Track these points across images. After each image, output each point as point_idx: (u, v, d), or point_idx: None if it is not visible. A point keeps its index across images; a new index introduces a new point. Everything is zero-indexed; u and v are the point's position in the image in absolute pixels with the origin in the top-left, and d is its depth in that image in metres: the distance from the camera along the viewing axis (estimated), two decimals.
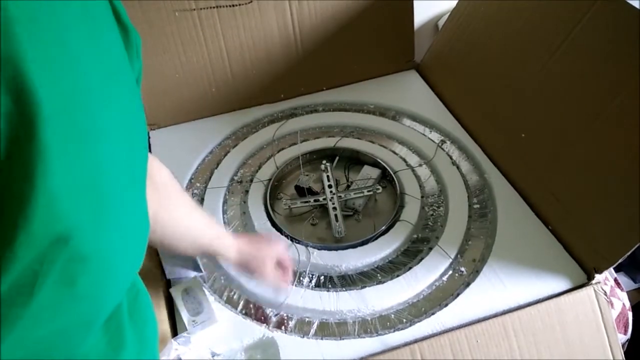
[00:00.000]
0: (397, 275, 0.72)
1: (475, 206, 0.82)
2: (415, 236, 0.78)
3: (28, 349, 0.27)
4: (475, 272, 0.72)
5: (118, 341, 0.36)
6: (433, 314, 0.67)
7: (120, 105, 0.30)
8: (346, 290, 0.71)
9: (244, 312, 0.70)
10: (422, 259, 0.74)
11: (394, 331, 0.66)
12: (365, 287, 0.71)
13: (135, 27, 0.35)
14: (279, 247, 0.68)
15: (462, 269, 0.73)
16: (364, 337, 0.66)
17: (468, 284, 0.70)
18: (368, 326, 0.67)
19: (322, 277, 0.73)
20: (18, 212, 0.22)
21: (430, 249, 0.76)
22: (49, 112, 0.22)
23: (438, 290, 0.71)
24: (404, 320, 0.67)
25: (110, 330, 0.35)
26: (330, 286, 0.72)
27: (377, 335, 0.66)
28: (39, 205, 0.23)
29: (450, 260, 0.73)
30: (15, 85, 0.21)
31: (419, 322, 0.66)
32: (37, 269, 0.24)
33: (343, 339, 0.66)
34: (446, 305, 0.68)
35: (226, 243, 0.63)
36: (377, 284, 0.72)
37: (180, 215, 0.57)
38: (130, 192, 0.31)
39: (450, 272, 0.73)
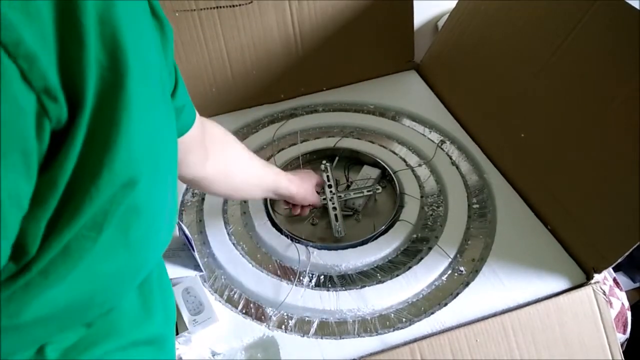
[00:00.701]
0: (397, 275, 0.72)
1: (475, 206, 0.82)
2: (414, 236, 0.79)
3: (89, 285, 0.29)
4: (474, 272, 0.72)
5: (150, 305, 0.40)
6: (432, 313, 0.67)
7: (160, 87, 0.34)
8: (346, 289, 0.71)
9: (244, 311, 0.70)
10: (421, 258, 0.74)
11: (394, 330, 0.66)
12: (365, 286, 0.71)
13: None
14: (316, 176, 0.82)
15: (462, 268, 0.73)
16: (363, 337, 0.66)
17: (467, 284, 0.70)
18: (368, 325, 0.67)
19: (322, 277, 0.73)
20: (105, 151, 0.26)
21: (430, 248, 0.76)
22: (133, 69, 0.26)
23: (437, 289, 0.71)
24: (404, 319, 0.67)
25: (144, 293, 0.39)
26: (330, 286, 0.72)
27: (376, 335, 0.66)
28: (122, 147, 0.26)
29: (450, 259, 0.74)
30: (112, 43, 0.25)
31: (418, 321, 0.67)
32: (107, 209, 0.27)
33: (343, 338, 0.66)
34: (445, 304, 0.68)
35: (285, 179, 0.71)
36: (376, 283, 0.72)
37: (246, 165, 0.65)
38: (172, 165, 0.35)
39: (450, 271, 0.73)
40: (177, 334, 0.67)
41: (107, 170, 0.26)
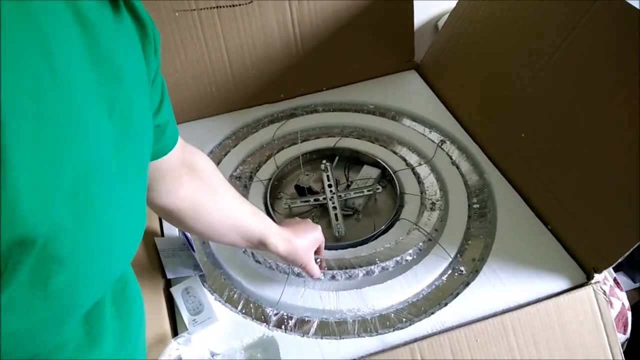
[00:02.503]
0: (397, 274, 0.72)
1: (475, 206, 0.82)
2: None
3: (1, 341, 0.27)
4: (474, 272, 0.72)
5: (97, 332, 0.36)
6: (433, 313, 0.67)
7: (115, 107, 0.30)
8: (346, 289, 0.71)
9: (244, 311, 0.70)
10: (422, 257, 0.74)
11: (394, 330, 0.66)
12: (365, 286, 0.71)
13: None
14: (319, 234, 0.68)
15: (462, 268, 0.73)
16: (363, 337, 0.66)
17: (467, 284, 0.70)
18: (368, 325, 0.67)
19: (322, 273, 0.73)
20: None
21: (430, 248, 0.76)
22: (11, 117, 0.22)
23: (438, 289, 0.71)
24: (404, 319, 0.67)
25: (90, 321, 0.35)
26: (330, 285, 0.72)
27: (376, 335, 0.66)
28: (0, 208, 0.22)
29: (450, 259, 0.74)
30: None
31: (418, 321, 0.67)
32: (0, 270, 0.24)
33: (343, 338, 0.66)
34: (446, 304, 0.68)
35: (275, 234, 0.61)
36: (377, 282, 0.72)
37: (227, 205, 0.57)
38: (121, 194, 0.31)
39: (450, 271, 0.73)
40: (176, 334, 0.66)
41: None
